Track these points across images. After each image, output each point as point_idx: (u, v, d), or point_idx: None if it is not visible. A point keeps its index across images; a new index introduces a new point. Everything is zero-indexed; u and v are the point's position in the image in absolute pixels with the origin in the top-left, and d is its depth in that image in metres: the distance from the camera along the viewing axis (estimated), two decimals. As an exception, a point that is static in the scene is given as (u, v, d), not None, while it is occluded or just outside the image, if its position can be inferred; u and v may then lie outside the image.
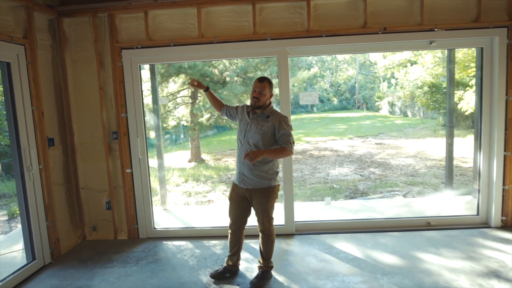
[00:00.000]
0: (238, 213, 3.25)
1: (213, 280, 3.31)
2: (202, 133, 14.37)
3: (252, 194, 3.12)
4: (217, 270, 3.37)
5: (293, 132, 3.08)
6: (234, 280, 3.30)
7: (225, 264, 3.40)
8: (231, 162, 12.24)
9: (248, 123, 3.12)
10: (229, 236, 3.34)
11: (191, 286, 3.24)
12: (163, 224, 4.78)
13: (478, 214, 4.34)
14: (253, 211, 3.26)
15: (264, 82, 3.06)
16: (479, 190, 4.31)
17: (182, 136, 14.69)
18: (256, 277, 3.23)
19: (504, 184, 4.14)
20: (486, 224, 4.28)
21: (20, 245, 4.18)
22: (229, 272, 3.36)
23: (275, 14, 4.06)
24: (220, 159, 13.14)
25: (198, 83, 3.41)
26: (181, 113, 13.28)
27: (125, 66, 4.17)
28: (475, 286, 3.03)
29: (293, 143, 3.03)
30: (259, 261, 3.31)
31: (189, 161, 12.74)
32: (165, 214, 5.52)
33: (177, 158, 13.52)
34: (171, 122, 13.38)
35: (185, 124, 13.40)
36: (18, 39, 3.54)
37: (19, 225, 4.99)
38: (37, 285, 3.41)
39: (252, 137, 3.07)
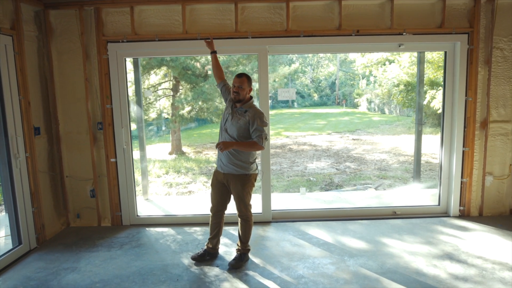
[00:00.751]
0: (219, 198, 3.51)
1: (194, 262, 3.55)
2: (183, 125, 14.48)
3: (229, 180, 3.39)
4: (198, 253, 3.63)
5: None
6: (214, 262, 3.56)
7: (205, 247, 3.65)
8: (212, 155, 12.42)
9: (230, 114, 3.39)
10: (210, 219, 3.60)
11: (173, 268, 3.48)
12: (145, 213, 4.96)
13: (439, 204, 4.74)
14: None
15: (242, 78, 3.32)
16: (440, 182, 4.70)
17: (164, 128, 14.75)
18: (234, 259, 3.50)
19: (462, 177, 4.54)
20: (446, 214, 4.68)
21: (3, 232, 4.29)
22: (209, 254, 3.61)
23: (256, 13, 4.29)
24: (201, 152, 13.30)
25: (210, 42, 3.64)
26: (162, 106, 13.35)
27: (111, 59, 4.31)
28: (430, 266, 3.39)
29: (265, 138, 3.26)
30: (237, 244, 3.58)
31: (170, 153, 12.84)
32: (147, 204, 5.70)
33: (158, 150, 13.58)
34: (152, 114, 13.43)
35: (166, 116, 13.48)
36: (6, 30, 3.64)
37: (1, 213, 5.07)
38: (24, 267, 3.56)
39: (230, 128, 3.34)
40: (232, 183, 3.38)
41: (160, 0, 4.19)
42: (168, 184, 8.42)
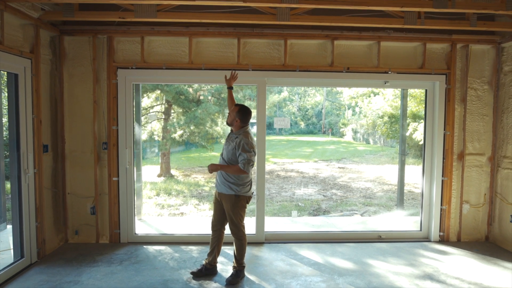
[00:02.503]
0: (216, 214, 3.85)
1: (192, 276, 3.76)
2: (173, 148, 14.67)
3: (222, 199, 3.73)
4: (197, 268, 3.86)
5: (249, 154, 3.53)
6: (212, 278, 3.75)
7: (203, 263, 3.87)
8: (200, 178, 12.60)
9: (226, 139, 3.78)
10: (211, 236, 3.88)
11: (173, 283, 3.65)
12: (139, 233, 5.10)
13: (421, 230, 5.07)
14: None
15: (236, 106, 3.73)
16: (422, 209, 5.05)
17: (156, 150, 14.89)
18: (230, 276, 3.72)
19: (441, 204, 4.91)
20: (427, 238, 5.01)
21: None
22: (207, 270, 3.82)
23: (257, 48, 4.71)
24: (189, 175, 13.45)
25: (230, 80, 4.00)
26: (153, 128, 13.57)
27: (120, 83, 4.61)
28: (413, 285, 3.67)
29: (249, 164, 3.49)
30: (233, 262, 3.81)
31: (158, 176, 12.94)
32: (141, 224, 5.83)
33: (147, 172, 13.66)
34: (143, 136, 13.62)
35: (157, 138, 13.68)
36: (26, 54, 3.92)
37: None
38: (26, 280, 3.67)
39: (224, 151, 3.74)
40: (223, 202, 3.71)
41: (169, 32, 4.56)
42: (160, 206, 8.55)
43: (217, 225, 3.84)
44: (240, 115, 3.68)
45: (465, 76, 4.81)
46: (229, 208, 3.66)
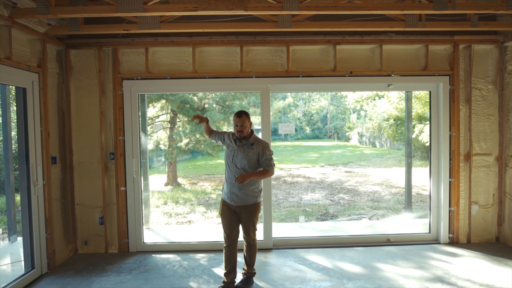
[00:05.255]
0: (232, 224, 3.66)
1: None
2: (179, 157, 14.74)
3: (241, 210, 3.62)
4: None
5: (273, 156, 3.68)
6: None
7: (222, 284, 3.66)
8: (207, 186, 12.63)
9: (235, 149, 3.64)
10: (224, 251, 3.71)
11: (182, 291, 3.66)
12: (148, 242, 5.13)
13: (430, 232, 5.03)
14: None
15: (242, 117, 3.58)
16: (430, 211, 5.02)
17: (163, 159, 14.99)
18: (241, 281, 3.71)
19: (450, 206, 4.87)
20: (436, 241, 4.97)
21: (8, 259, 4.39)
22: None
23: (260, 55, 4.75)
24: (196, 183, 13.48)
25: (200, 119, 3.91)
26: (159, 137, 13.68)
27: (125, 94, 4.68)
28: (423, 288, 3.65)
29: (274, 165, 3.63)
30: (243, 268, 3.79)
31: (165, 185, 13.00)
32: (149, 233, 5.86)
33: (153, 181, 13.73)
34: (149, 146, 13.72)
35: (163, 148, 13.77)
36: (34, 68, 4.01)
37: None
38: (38, 291, 3.71)
39: (240, 162, 3.58)
40: (244, 212, 3.60)
41: (172, 43, 4.63)
42: (168, 214, 8.58)
43: (234, 237, 3.67)
44: (250, 119, 3.66)
45: (469, 76, 4.80)
46: (251, 216, 3.61)
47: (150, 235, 5.68)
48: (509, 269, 4.04)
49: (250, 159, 3.57)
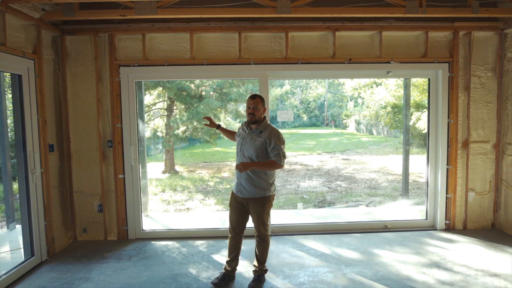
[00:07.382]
0: (238, 218, 3.51)
1: (213, 286, 3.51)
2: (177, 145, 14.72)
3: (249, 202, 3.41)
4: (217, 277, 3.57)
5: (283, 146, 3.38)
6: (232, 286, 3.57)
7: (223, 270, 3.61)
8: (205, 174, 12.65)
9: (244, 137, 3.44)
10: (228, 240, 3.59)
11: (182, 277, 3.70)
12: (147, 229, 5.15)
13: (426, 219, 5.08)
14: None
15: (256, 98, 3.39)
16: (427, 198, 5.06)
17: (160, 147, 14.97)
18: (253, 281, 3.51)
19: (447, 192, 4.91)
20: (433, 227, 5.02)
21: (7, 247, 4.40)
22: (229, 277, 3.58)
23: (258, 42, 4.70)
24: (194, 171, 13.50)
25: (211, 122, 3.80)
26: (156, 125, 13.62)
27: (122, 81, 4.63)
28: (420, 273, 3.70)
29: (284, 156, 3.29)
30: (254, 265, 3.57)
31: (163, 172, 13.01)
32: (147, 220, 5.88)
33: (151, 169, 13.73)
34: (147, 133, 13.66)
35: (161, 135, 13.74)
36: (29, 54, 3.94)
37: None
38: (38, 278, 3.73)
39: (247, 150, 3.37)
40: (252, 205, 3.40)
41: (170, 29, 4.56)
42: (166, 202, 8.61)
43: (240, 229, 3.53)
44: (264, 104, 3.47)
45: (468, 63, 4.78)
46: (260, 210, 3.38)
47: (149, 222, 5.70)
48: (504, 254, 4.11)
49: (257, 148, 3.32)
